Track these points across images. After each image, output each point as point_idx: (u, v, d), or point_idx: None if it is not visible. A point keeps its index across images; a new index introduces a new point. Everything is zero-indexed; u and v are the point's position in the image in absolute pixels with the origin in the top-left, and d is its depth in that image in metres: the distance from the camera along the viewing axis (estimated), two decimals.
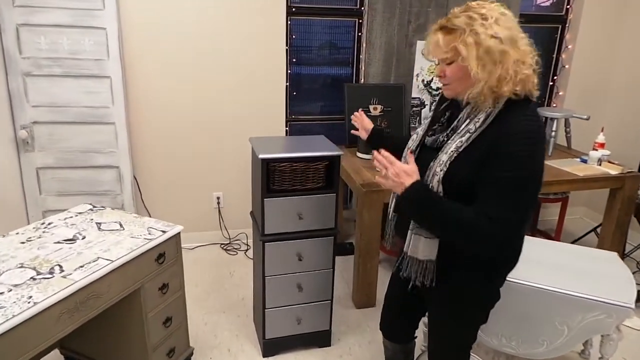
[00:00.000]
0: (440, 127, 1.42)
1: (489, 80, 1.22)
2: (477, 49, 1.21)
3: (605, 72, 3.66)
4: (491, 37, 1.20)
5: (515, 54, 1.22)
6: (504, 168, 1.21)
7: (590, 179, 2.79)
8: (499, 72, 1.21)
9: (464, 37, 1.22)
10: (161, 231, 1.85)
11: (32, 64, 2.70)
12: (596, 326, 1.63)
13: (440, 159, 1.30)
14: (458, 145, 1.28)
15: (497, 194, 1.22)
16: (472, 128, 1.28)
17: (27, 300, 1.36)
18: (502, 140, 1.21)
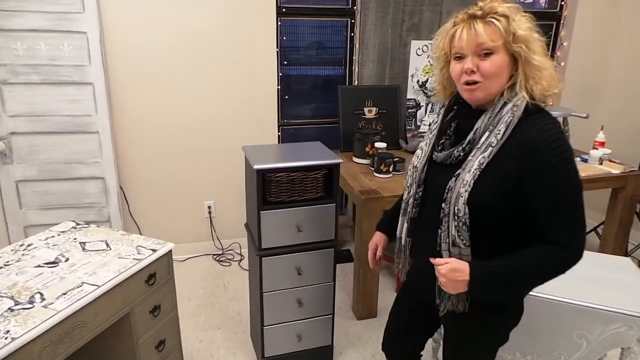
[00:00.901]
0: (448, 141, 1.28)
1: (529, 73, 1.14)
2: (532, 34, 1.14)
3: (601, 69, 3.61)
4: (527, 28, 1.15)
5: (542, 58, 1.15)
6: (552, 186, 1.11)
7: (592, 179, 2.73)
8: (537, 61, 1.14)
9: (516, 22, 1.14)
10: (151, 250, 1.72)
11: (8, 71, 2.54)
12: (616, 339, 1.55)
13: (464, 179, 1.17)
14: (481, 161, 1.16)
15: (561, 212, 1.12)
16: (493, 141, 1.15)
17: (4, 335, 1.23)
18: (532, 153, 1.11)
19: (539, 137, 1.11)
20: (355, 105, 3.12)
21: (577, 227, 1.14)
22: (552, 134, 1.11)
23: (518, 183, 1.13)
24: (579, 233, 1.14)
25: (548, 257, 1.14)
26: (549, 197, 1.12)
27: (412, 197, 1.35)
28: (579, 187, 1.13)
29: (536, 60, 1.14)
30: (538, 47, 1.16)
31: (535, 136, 1.11)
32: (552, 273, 1.16)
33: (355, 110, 3.12)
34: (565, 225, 1.13)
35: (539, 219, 1.14)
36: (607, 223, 2.95)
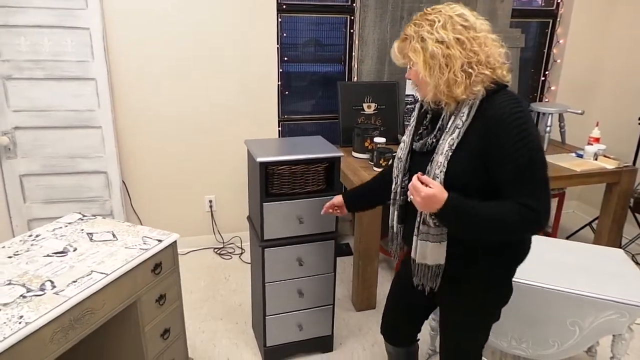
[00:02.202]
0: (426, 131, 1.41)
1: (437, 84, 1.25)
2: (424, 55, 1.24)
3: (597, 66, 3.67)
4: (436, 42, 1.23)
5: (465, 57, 1.22)
6: (512, 155, 1.20)
7: (587, 174, 2.78)
8: (447, 76, 1.23)
9: (413, 43, 1.26)
10: (157, 240, 1.77)
11: (12, 67, 2.57)
12: (608, 326, 1.60)
13: (438, 161, 1.29)
14: (450, 143, 1.28)
15: (525, 181, 1.20)
16: (459, 123, 1.27)
17: (17, 320, 1.27)
18: (496, 127, 1.21)
19: (500, 112, 1.21)
20: (355, 100, 3.16)
21: (540, 194, 1.21)
22: (511, 108, 1.21)
23: (485, 157, 1.24)
24: (543, 199, 1.21)
25: (515, 213, 1.21)
26: (512, 167, 1.20)
27: (399, 186, 1.47)
28: (539, 156, 1.21)
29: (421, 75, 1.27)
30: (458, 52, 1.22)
31: (496, 112, 1.22)
32: (515, 228, 1.23)
33: (355, 105, 3.17)
34: (529, 192, 1.20)
35: (505, 188, 1.23)
36: (602, 218, 3.00)
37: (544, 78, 3.72)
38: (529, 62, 3.67)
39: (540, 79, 3.73)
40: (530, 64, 3.68)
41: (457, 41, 1.22)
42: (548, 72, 3.70)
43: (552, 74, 3.69)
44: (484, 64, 1.23)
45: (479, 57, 1.23)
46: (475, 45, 1.23)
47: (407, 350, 1.77)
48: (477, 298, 1.40)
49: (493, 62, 1.25)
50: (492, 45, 1.26)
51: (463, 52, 1.22)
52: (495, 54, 1.26)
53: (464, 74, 1.22)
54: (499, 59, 1.26)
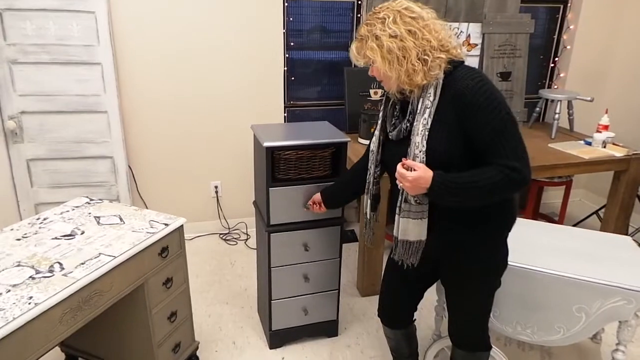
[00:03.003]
0: (398, 120, 1.47)
1: (399, 75, 1.32)
2: (381, 51, 1.32)
3: (607, 52, 3.61)
4: (390, 37, 1.30)
5: (419, 46, 1.29)
6: (485, 120, 1.28)
7: (595, 161, 2.76)
8: (405, 66, 1.31)
9: (368, 43, 1.34)
10: (163, 224, 1.77)
11: (18, 51, 2.57)
12: (615, 312, 1.60)
13: (415, 142, 1.36)
14: (424, 122, 1.34)
15: (503, 143, 1.28)
16: (428, 104, 1.34)
17: (27, 301, 1.29)
18: (464, 98, 1.29)
19: (464, 84, 1.29)
20: (361, 86, 3.14)
21: (518, 151, 1.29)
22: (473, 79, 1.29)
23: (460, 129, 1.31)
24: (522, 156, 1.29)
25: (499, 174, 1.28)
26: (489, 131, 1.28)
27: (372, 177, 1.60)
28: (509, 117, 1.29)
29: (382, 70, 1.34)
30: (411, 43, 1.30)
31: (460, 85, 1.30)
32: (502, 187, 1.29)
33: (362, 91, 3.14)
34: (507, 152, 1.28)
35: (487, 153, 1.30)
36: (609, 206, 2.98)
37: (554, 65, 3.67)
38: (538, 49, 3.62)
39: (549, 66, 3.68)
40: (539, 50, 3.63)
41: (409, 33, 1.30)
42: (558, 59, 3.64)
43: (561, 61, 3.64)
44: (437, 49, 1.31)
45: (431, 44, 1.31)
46: (426, 33, 1.31)
47: (405, 332, 1.81)
48: (478, 261, 1.47)
49: (446, 45, 1.33)
50: (441, 29, 1.34)
51: (416, 42, 1.30)
52: (445, 37, 1.34)
53: (420, 62, 1.30)
54: (450, 40, 1.35)
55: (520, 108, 3.36)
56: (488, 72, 3.26)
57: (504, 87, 3.31)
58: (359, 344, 2.29)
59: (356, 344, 2.29)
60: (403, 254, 1.49)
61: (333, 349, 2.25)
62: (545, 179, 3.07)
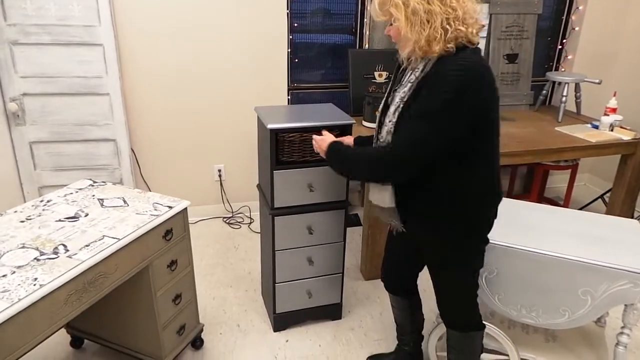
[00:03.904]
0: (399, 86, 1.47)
1: (418, 40, 1.27)
2: (406, 10, 1.26)
3: (616, 34, 3.54)
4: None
5: (444, 12, 1.24)
6: (422, 100, 1.29)
7: (602, 145, 2.73)
8: (427, 31, 1.25)
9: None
10: (167, 207, 1.77)
11: (18, 31, 2.53)
12: (621, 295, 1.59)
13: (389, 112, 1.40)
14: (402, 96, 1.35)
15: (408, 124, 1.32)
16: (412, 78, 1.34)
17: (32, 282, 1.29)
18: (427, 83, 1.29)
19: (438, 70, 1.27)
20: (366, 69, 3.10)
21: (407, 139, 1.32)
22: (453, 67, 1.25)
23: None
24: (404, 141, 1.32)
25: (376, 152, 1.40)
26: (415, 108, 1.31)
27: (375, 138, 1.55)
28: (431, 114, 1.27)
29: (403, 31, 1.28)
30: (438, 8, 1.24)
31: (438, 69, 1.28)
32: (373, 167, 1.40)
33: (366, 74, 3.10)
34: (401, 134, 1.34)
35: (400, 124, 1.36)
36: (615, 189, 2.96)
37: (561, 46, 3.61)
38: (546, 30, 3.55)
39: (557, 48, 3.62)
40: (547, 31, 3.57)
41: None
42: (565, 41, 3.58)
43: (569, 43, 3.58)
44: (460, 20, 1.26)
45: (456, 13, 1.25)
46: (454, 1, 1.26)
47: (409, 303, 1.85)
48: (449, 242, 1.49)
49: (468, 19, 1.28)
50: (469, 1, 1.29)
51: (443, 8, 1.25)
52: (470, 10, 1.29)
53: (442, 30, 1.25)
54: (474, 15, 1.29)
55: (526, 91, 3.32)
56: (495, 54, 3.21)
57: (510, 70, 3.26)
58: (362, 326, 2.30)
59: (359, 326, 2.30)
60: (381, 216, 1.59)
61: (337, 332, 2.26)
62: (551, 162, 3.04)
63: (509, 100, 3.29)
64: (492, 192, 1.46)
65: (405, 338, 1.95)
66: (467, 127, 1.29)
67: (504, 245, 1.69)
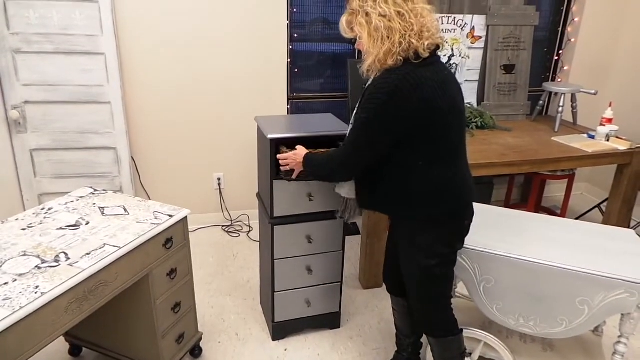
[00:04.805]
0: None
1: (378, 54, 1.37)
2: (369, 28, 1.37)
3: (612, 45, 3.59)
4: (379, 16, 1.35)
5: (403, 28, 1.34)
6: (357, 114, 1.47)
7: (599, 155, 2.75)
8: (387, 46, 1.35)
9: (358, 18, 1.40)
10: (168, 215, 1.78)
11: (21, 40, 2.56)
12: (618, 305, 1.60)
13: (351, 121, 1.54)
14: (358, 105, 1.50)
15: (350, 134, 1.52)
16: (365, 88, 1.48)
17: (34, 290, 1.30)
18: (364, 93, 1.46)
19: (375, 81, 1.42)
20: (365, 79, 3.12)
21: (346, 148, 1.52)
22: (382, 80, 1.37)
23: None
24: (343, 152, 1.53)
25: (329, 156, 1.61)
26: (353, 121, 1.50)
27: None
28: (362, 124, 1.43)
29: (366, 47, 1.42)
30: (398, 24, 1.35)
31: (375, 81, 1.42)
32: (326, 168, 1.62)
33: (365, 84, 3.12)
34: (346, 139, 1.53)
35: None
36: (611, 199, 2.98)
37: (558, 57, 3.65)
38: (542, 41, 3.60)
39: (553, 59, 3.67)
40: (544, 43, 3.61)
41: (397, 14, 1.35)
42: (562, 52, 3.63)
43: (565, 54, 3.62)
44: (416, 35, 1.35)
45: (413, 28, 1.35)
46: (413, 17, 1.35)
47: (408, 306, 1.84)
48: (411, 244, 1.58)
49: (425, 32, 1.37)
50: (427, 15, 1.39)
51: (402, 24, 1.35)
52: (429, 24, 1.38)
53: (397, 44, 1.35)
54: (432, 29, 1.38)
55: (523, 101, 3.35)
56: (492, 65, 3.25)
57: (507, 80, 3.30)
58: (361, 335, 2.30)
59: (358, 335, 2.30)
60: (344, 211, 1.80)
61: (335, 341, 2.26)
62: (548, 172, 3.07)
63: (506, 111, 3.33)
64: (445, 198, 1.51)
65: (404, 343, 1.96)
66: (394, 137, 1.41)
67: (501, 254, 1.71)
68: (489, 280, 1.74)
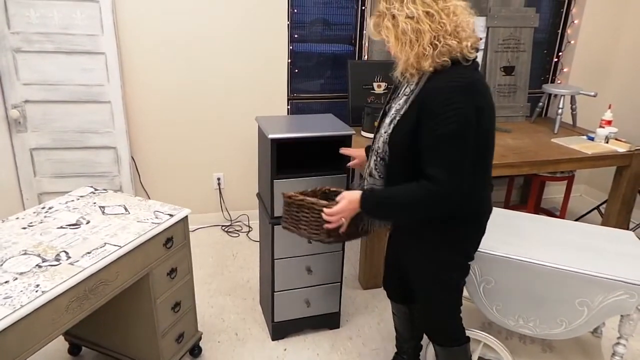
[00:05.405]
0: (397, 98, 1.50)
1: (408, 58, 1.31)
2: (395, 31, 1.31)
3: (612, 47, 3.60)
4: (406, 18, 1.28)
5: (434, 30, 1.27)
6: (431, 128, 1.29)
7: (598, 157, 2.76)
8: (416, 49, 1.29)
9: (385, 21, 1.33)
10: (168, 215, 1.78)
11: (22, 39, 2.56)
12: (617, 306, 1.61)
13: (385, 122, 1.44)
14: (397, 108, 1.40)
15: (440, 151, 1.29)
16: (407, 91, 1.38)
17: (34, 289, 1.30)
18: (427, 100, 1.30)
19: (437, 86, 1.29)
20: (365, 80, 3.13)
21: (450, 166, 1.28)
22: (449, 81, 1.28)
23: (417, 125, 1.33)
24: (452, 172, 1.28)
25: (422, 189, 1.31)
26: (430, 138, 1.29)
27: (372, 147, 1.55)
28: (458, 132, 1.27)
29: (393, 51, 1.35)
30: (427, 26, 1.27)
31: (434, 85, 1.30)
32: (423, 204, 1.33)
33: (365, 85, 3.14)
34: (440, 163, 1.29)
35: (423, 155, 1.33)
36: (610, 201, 2.99)
37: (557, 59, 3.66)
38: (542, 43, 3.60)
39: (553, 60, 3.68)
40: (543, 44, 3.62)
41: (426, 15, 1.27)
42: (561, 53, 3.64)
43: (565, 55, 3.63)
44: (451, 34, 1.28)
45: (446, 28, 1.27)
46: (444, 16, 1.27)
47: (408, 312, 1.85)
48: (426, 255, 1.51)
49: (460, 33, 1.29)
50: (461, 13, 1.30)
51: (432, 25, 1.27)
52: (463, 23, 1.30)
53: (431, 46, 1.28)
54: (467, 28, 1.30)
55: (523, 103, 3.36)
56: (492, 67, 3.25)
57: (507, 82, 3.30)
58: (361, 336, 2.30)
59: (358, 336, 2.30)
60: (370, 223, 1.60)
61: (335, 341, 2.26)
62: (547, 173, 3.08)
63: (506, 112, 3.33)
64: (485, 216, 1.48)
65: (404, 346, 1.96)
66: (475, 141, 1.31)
67: (501, 255, 1.71)
68: (489, 281, 1.75)
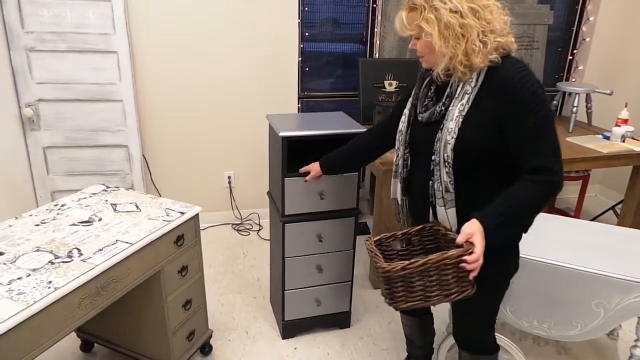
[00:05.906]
0: (431, 102, 1.41)
1: (455, 54, 1.25)
2: (439, 25, 1.23)
3: (627, 45, 3.54)
4: (450, 12, 1.22)
5: (480, 26, 1.23)
6: (526, 116, 1.23)
7: (614, 156, 2.71)
8: (464, 45, 1.23)
9: (425, 14, 1.24)
10: (179, 212, 1.78)
11: (35, 39, 2.58)
12: (634, 308, 1.57)
13: (448, 127, 1.30)
14: (460, 109, 1.29)
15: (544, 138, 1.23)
16: (468, 89, 1.29)
17: (47, 285, 1.30)
18: (509, 89, 1.23)
19: (510, 75, 1.24)
20: (376, 78, 3.11)
21: (555, 151, 1.25)
22: (520, 71, 1.24)
23: (498, 122, 1.26)
24: (558, 157, 1.25)
25: (536, 185, 1.24)
26: (527, 129, 1.23)
27: (401, 159, 1.48)
28: (550, 115, 1.25)
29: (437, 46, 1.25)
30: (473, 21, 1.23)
31: (505, 76, 1.24)
32: (543, 198, 1.26)
33: (376, 83, 3.12)
34: (545, 152, 1.24)
35: (521, 151, 1.25)
36: (626, 201, 2.94)
37: (572, 57, 3.61)
38: (556, 41, 3.55)
39: (567, 58, 3.62)
40: (557, 42, 3.57)
41: (470, 10, 1.23)
42: (576, 51, 3.58)
43: (580, 53, 3.57)
44: (497, 32, 1.25)
45: (492, 26, 1.24)
46: (487, 14, 1.24)
47: (419, 322, 1.81)
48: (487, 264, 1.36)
49: (501, 30, 1.27)
50: (498, 13, 1.28)
51: (477, 21, 1.23)
52: (502, 22, 1.28)
53: (481, 43, 1.23)
54: (505, 27, 1.28)
55: None
56: None
57: None
58: (371, 335, 2.29)
59: (368, 335, 2.29)
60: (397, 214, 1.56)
61: (345, 340, 2.25)
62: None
63: None
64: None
65: (415, 352, 1.93)
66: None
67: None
68: None
